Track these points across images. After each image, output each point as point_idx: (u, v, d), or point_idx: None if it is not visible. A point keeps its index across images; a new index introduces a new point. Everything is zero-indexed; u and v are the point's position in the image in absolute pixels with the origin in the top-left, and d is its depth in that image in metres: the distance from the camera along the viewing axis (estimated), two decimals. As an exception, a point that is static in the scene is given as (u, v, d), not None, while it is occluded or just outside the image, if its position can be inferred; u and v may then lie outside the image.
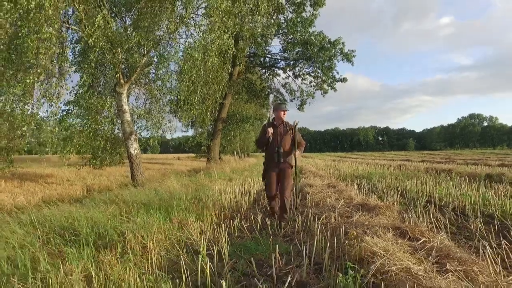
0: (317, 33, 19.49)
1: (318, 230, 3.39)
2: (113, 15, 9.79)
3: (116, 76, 9.58)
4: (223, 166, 18.10)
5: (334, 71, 20.62)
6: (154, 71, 10.87)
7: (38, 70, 6.43)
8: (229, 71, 12.59)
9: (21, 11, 5.96)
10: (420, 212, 4.60)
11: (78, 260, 2.71)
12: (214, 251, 2.92)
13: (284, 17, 20.22)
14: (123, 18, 9.85)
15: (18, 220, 3.90)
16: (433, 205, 5.37)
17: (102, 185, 12.51)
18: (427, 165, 15.83)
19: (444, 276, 2.13)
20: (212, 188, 7.53)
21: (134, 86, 11.11)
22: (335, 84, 20.94)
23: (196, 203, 5.60)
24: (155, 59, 10.89)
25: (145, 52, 10.16)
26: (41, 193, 9.38)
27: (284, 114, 4.88)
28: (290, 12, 20.15)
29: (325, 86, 21.27)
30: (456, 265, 2.38)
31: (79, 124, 9.02)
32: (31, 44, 5.98)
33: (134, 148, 10.32)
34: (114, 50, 9.09)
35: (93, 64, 8.30)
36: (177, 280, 2.41)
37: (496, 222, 4.22)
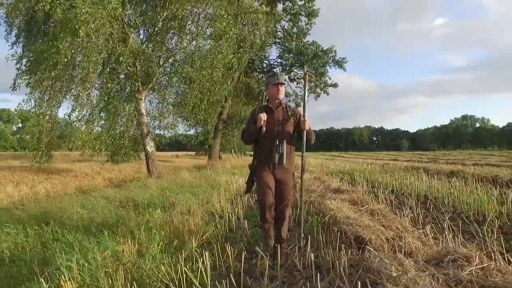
0: (311, 43, 21.28)
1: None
2: (137, 34, 11.52)
3: (136, 84, 11.27)
4: (224, 163, 19.79)
5: (326, 76, 22.46)
6: (167, 79, 12.55)
7: (88, 85, 8.17)
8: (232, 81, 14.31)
9: (79, 39, 7.72)
10: (379, 195, 6.33)
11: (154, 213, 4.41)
12: (233, 215, 4.62)
13: (281, 26, 21.99)
14: (146, 36, 11.48)
15: (94, 196, 5.59)
16: (391, 192, 7.12)
17: (118, 178, 14.17)
18: (408, 164, 17.64)
19: (367, 219, 3.86)
20: (220, 179, 9.24)
21: (149, 92, 12.80)
22: (327, 88, 22.75)
23: (211, 189, 7.30)
24: (169, 69, 12.60)
25: (161, 64, 11.87)
26: (73, 183, 11.02)
27: (281, 89, 3.20)
28: (286, 21, 21.92)
29: (318, 90, 23.09)
30: (379, 216, 4.11)
31: (107, 126, 10.68)
32: (85, 65, 7.71)
33: (151, 146, 12.03)
34: (136, 63, 10.79)
35: (121, 76, 10.00)
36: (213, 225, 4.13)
37: (429, 202, 5.97)
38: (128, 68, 9.70)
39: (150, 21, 11.41)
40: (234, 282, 2.34)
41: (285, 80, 3.35)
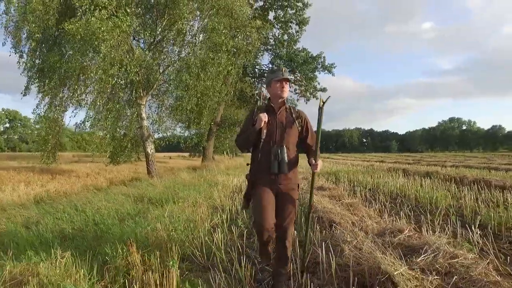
0: (301, 49, 22.37)
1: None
2: (137, 43, 12.41)
3: (139, 91, 12.14)
4: (218, 164, 20.71)
5: (316, 81, 23.56)
6: (166, 86, 13.44)
7: (104, 95, 9.12)
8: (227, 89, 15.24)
9: (101, 55, 8.70)
10: (357, 192, 7.35)
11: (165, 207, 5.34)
12: (233, 208, 5.57)
13: (272, 34, 23.02)
14: (147, 46, 12.35)
15: (113, 192, 6.49)
16: (369, 190, 8.15)
17: (118, 179, 14.97)
18: (393, 165, 18.80)
19: (341, 209, 4.86)
20: (217, 179, 10.18)
21: (150, 98, 13.65)
22: (316, 93, 23.85)
23: (211, 187, 8.24)
24: (167, 77, 13.49)
25: (161, 72, 12.77)
26: (78, 183, 11.81)
27: (285, 87, 2.75)
28: (278, 29, 22.98)
29: (307, 94, 24.18)
30: (352, 208, 5.11)
31: (113, 129, 11.55)
32: (103, 77, 8.66)
33: (151, 148, 12.91)
34: (139, 72, 11.66)
35: (124, 84, 10.90)
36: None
37: (398, 197, 7.01)
38: (134, 77, 10.58)
39: (150, 31, 12.29)
40: (240, 250, 3.30)
41: (290, 76, 2.75)
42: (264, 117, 2.64)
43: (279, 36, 22.14)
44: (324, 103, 2.63)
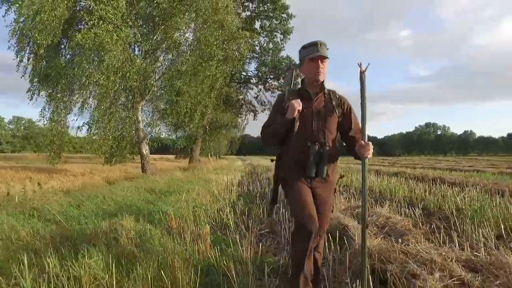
0: (285, 57, 23.81)
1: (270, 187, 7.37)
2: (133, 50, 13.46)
3: (136, 96, 13.16)
4: (205, 165, 21.81)
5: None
6: (162, 92, 14.49)
7: (107, 100, 10.14)
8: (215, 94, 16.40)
9: (105, 64, 9.78)
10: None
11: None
12: (230, 197, 6.75)
13: (258, 42, 24.36)
14: (143, 53, 13.39)
15: (123, 185, 7.55)
16: (344, 186, 9.50)
17: (113, 178, 15.84)
18: (368, 167, 20.39)
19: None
20: (209, 177, 11.33)
21: (145, 102, 14.66)
22: (298, 99, 25.35)
23: (206, 183, 9.39)
24: (160, 83, 14.54)
25: (156, 79, 13.84)
26: (78, 182, 12.66)
27: (322, 66, 2.19)
28: (263, 37, 24.34)
29: (290, 100, 25.64)
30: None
31: (112, 131, 12.53)
32: (105, 84, 9.70)
33: (146, 149, 13.92)
34: (138, 78, 12.70)
35: (126, 88, 11.94)
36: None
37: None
38: (133, 83, 11.61)
39: (147, 40, 13.35)
40: (244, 221, 4.52)
41: (325, 46, 2.19)
42: (298, 104, 2.08)
43: (265, 45, 23.50)
44: (365, 70, 2.08)
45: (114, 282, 1.93)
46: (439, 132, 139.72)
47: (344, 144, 2.40)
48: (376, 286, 2.28)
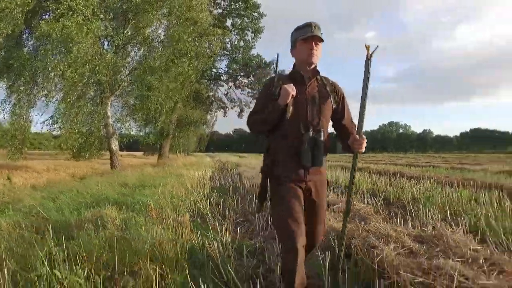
0: (256, 55, 24.15)
1: (241, 181, 7.66)
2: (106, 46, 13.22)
3: (106, 91, 12.94)
4: (174, 161, 21.71)
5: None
6: (133, 87, 14.31)
7: (75, 93, 9.93)
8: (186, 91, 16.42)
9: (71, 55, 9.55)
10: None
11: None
12: (203, 190, 6.97)
13: (229, 39, 24.50)
14: (113, 48, 13.18)
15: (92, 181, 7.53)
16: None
17: (80, 174, 15.44)
18: (334, 164, 21.26)
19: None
20: (181, 172, 11.42)
21: (115, 97, 14.41)
22: (269, 97, 25.81)
23: (178, 177, 9.50)
24: (130, 78, 14.36)
25: (127, 74, 13.67)
26: (42, 178, 12.27)
27: (316, 49, 2.03)
28: (234, 35, 24.51)
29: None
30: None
31: (79, 126, 12.26)
32: (72, 76, 9.51)
33: (115, 144, 13.74)
34: (106, 72, 12.48)
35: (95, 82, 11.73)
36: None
37: (332, 185, 8.88)
38: (102, 77, 11.42)
39: (118, 34, 13.14)
40: (219, 210, 4.78)
41: (319, 27, 2.03)
42: (292, 89, 1.92)
43: (236, 42, 23.69)
44: (372, 53, 1.95)
45: (116, 257, 2.12)
46: (401, 131, 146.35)
47: (335, 133, 2.25)
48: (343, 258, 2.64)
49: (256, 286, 2.12)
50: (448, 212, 4.04)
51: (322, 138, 1.99)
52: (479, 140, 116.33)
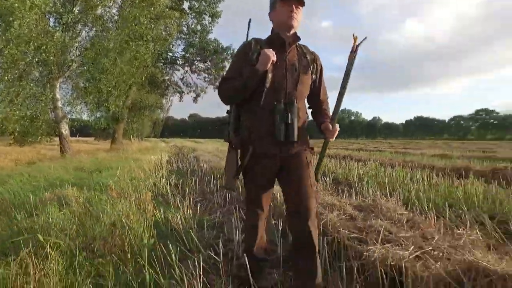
0: (213, 40, 23.89)
1: (199, 164, 7.85)
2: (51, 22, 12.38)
3: (54, 71, 12.24)
4: (129, 147, 21.14)
5: (224, 71, 25.39)
6: (84, 68, 13.62)
7: (16, 71, 9.28)
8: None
9: (12, 30, 8.86)
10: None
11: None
12: (162, 173, 7.05)
13: (186, 22, 23.94)
14: (63, 26, 12.41)
15: (44, 165, 7.28)
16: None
17: (25, 160, 14.56)
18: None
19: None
20: (138, 157, 11.29)
21: (64, 79, 13.65)
22: (225, 82, 25.76)
23: (135, 162, 9.42)
24: (81, 60, 13.68)
25: (78, 54, 13.01)
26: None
27: (297, 12, 1.85)
28: (191, 18, 23.98)
29: (217, 83, 25.92)
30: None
31: (24, 108, 11.51)
32: (14, 53, 8.88)
33: (65, 129, 13.16)
34: (54, 52, 11.79)
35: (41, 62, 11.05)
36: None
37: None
38: (49, 56, 10.77)
39: (67, 12, 12.40)
40: (180, 192, 4.96)
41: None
42: (272, 54, 1.76)
43: (193, 26, 23.22)
44: (359, 45, 1.86)
45: (88, 226, 2.26)
46: (352, 118, 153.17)
47: (310, 108, 2.08)
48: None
49: (217, 251, 2.39)
50: (387, 188, 4.58)
51: (296, 111, 1.81)
52: (422, 128, 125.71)
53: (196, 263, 1.93)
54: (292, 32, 1.87)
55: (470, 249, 1.85)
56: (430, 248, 1.97)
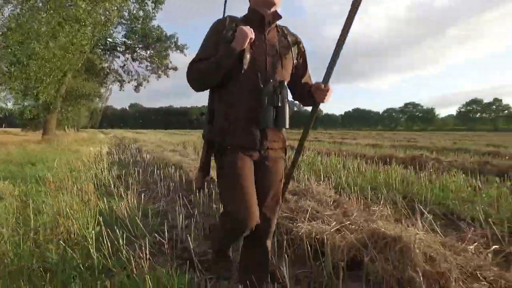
0: (156, 27, 23.07)
1: (141, 155, 7.80)
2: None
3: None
4: (63, 138, 19.79)
5: (167, 60, 24.73)
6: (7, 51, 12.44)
7: None
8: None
9: None
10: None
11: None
12: (103, 165, 6.88)
13: (127, 7, 22.77)
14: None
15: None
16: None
17: None
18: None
19: (191, 160, 6.93)
20: (76, 148, 10.76)
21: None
22: (168, 71, 25.13)
23: (73, 153, 9.00)
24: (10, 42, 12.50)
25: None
26: None
27: None
28: (133, 3, 22.86)
29: (159, 72, 25.20)
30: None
31: None
32: None
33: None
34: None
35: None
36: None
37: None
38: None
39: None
40: (123, 183, 4.95)
41: None
42: (250, 31, 1.55)
43: (134, 11, 22.18)
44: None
45: (29, 218, 2.26)
46: (295, 109, 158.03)
47: (292, 92, 1.83)
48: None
49: (162, 237, 2.56)
50: (322, 174, 5.04)
51: (285, 93, 1.60)
52: (359, 119, 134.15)
53: (143, 247, 2.08)
54: (273, 9, 1.66)
55: (377, 221, 2.25)
56: (348, 222, 2.34)
